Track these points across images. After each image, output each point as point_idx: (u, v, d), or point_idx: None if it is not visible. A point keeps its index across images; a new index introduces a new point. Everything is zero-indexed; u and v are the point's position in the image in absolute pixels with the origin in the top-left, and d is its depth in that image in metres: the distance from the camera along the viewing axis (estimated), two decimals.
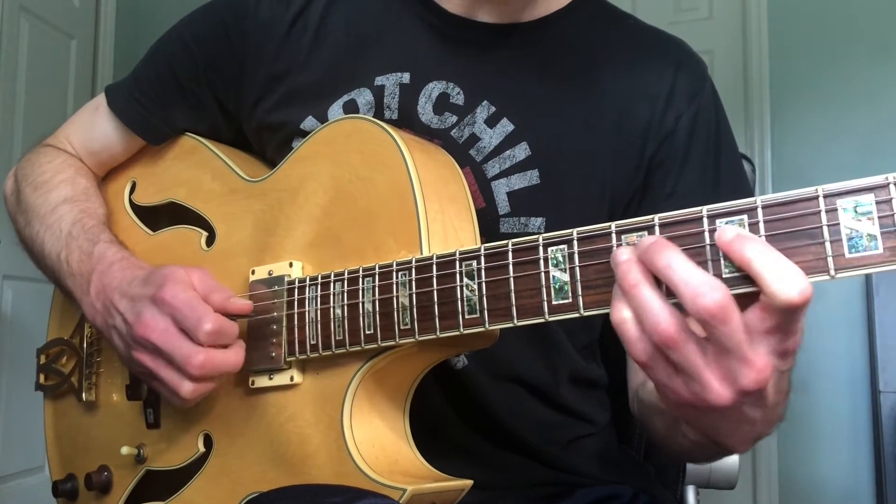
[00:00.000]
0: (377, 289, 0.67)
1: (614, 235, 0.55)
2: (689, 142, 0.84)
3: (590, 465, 0.87)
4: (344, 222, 0.73)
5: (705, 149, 0.86)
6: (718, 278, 0.50)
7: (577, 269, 0.57)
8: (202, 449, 0.80)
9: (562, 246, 0.58)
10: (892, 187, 0.47)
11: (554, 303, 0.57)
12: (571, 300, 0.57)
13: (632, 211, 0.85)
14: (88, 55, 3.32)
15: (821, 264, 0.49)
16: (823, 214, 0.49)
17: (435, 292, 0.64)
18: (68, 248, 0.85)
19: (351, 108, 0.84)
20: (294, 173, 0.79)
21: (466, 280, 0.62)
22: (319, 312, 0.71)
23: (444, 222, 0.69)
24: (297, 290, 0.73)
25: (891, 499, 2.50)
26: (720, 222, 0.51)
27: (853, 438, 2.73)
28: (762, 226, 0.50)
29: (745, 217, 0.51)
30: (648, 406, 0.78)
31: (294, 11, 0.87)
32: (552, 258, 0.58)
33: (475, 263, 0.62)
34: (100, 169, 0.99)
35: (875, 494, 2.68)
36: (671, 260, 0.50)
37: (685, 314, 0.51)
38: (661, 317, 0.50)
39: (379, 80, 0.84)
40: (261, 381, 0.75)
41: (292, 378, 0.73)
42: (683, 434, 0.67)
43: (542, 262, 0.58)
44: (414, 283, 0.65)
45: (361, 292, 0.68)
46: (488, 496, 0.81)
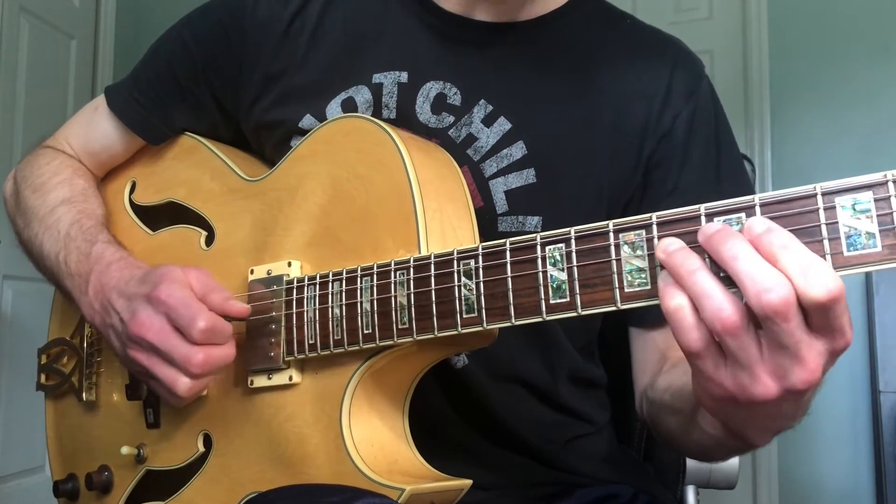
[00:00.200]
0: (375, 288, 0.67)
1: (612, 234, 0.55)
2: (688, 140, 0.84)
3: (589, 465, 0.87)
4: (342, 221, 0.73)
5: (705, 146, 0.86)
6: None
7: (575, 268, 0.56)
8: (202, 449, 0.80)
9: (559, 245, 0.57)
10: (891, 185, 0.47)
11: (552, 302, 0.57)
12: (569, 299, 0.57)
13: (632, 210, 0.85)
14: (88, 55, 3.32)
15: None
16: (822, 212, 0.49)
17: (433, 292, 0.63)
18: (66, 249, 0.85)
19: (349, 106, 0.84)
20: (293, 172, 0.79)
21: (464, 279, 0.62)
22: (318, 312, 0.71)
23: (443, 221, 0.69)
24: (296, 290, 0.73)
25: (891, 499, 2.50)
26: (718, 220, 0.51)
27: (853, 438, 2.73)
28: None
29: (744, 215, 0.51)
30: (661, 405, 0.78)
31: (292, 10, 0.87)
32: (550, 257, 0.58)
33: (473, 262, 0.62)
34: (99, 169, 0.99)
35: (875, 494, 2.68)
36: (739, 251, 0.48)
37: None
38: (725, 304, 0.49)
39: (377, 78, 0.84)
40: (260, 381, 0.75)
41: (291, 378, 0.73)
42: (703, 431, 0.66)
43: (540, 261, 0.58)
44: (412, 283, 0.65)
45: (360, 292, 0.68)
46: (488, 496, 0.81)
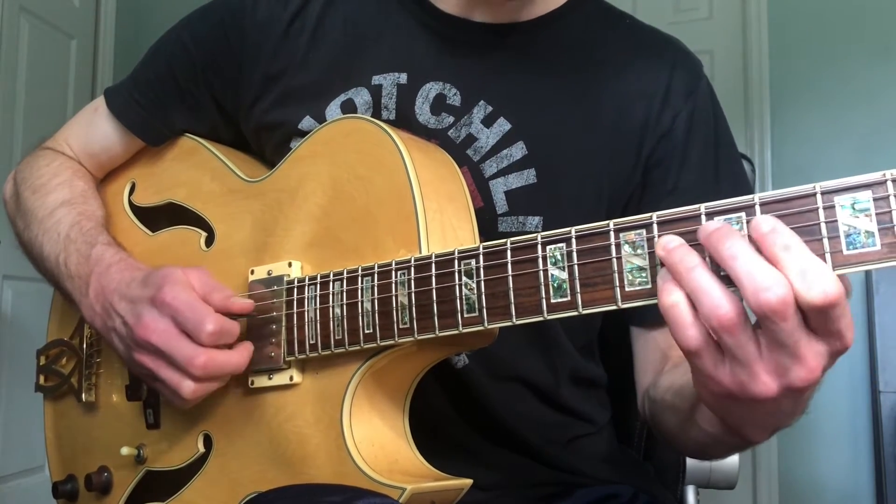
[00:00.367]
0: (376, 288, 0.67)
1: (612, 234, 0.55)
2: (688, 139, 0.85)
3: (590, 465, 0.87)
4: (343, 222, 0.73)
5: (704, 145, 0.86)
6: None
7: (576, 268, 0.57)
8: (202, 449, 0.80)
9: (560, 244, 0.58)
10: (890, 184, 0.47)
11: (553, 301, 0.58)
12: (570, 298, 0.57)
13: (632, 209, 0.85)
14: (88, 55, 3.32)
15: None
16: (821, 211, 0.49)
17: (434, 291, 0.63)
18: (66, 251, 0.85)
19: (349, 108, 0.84)
20: (293, 173, 0.79)
21: (465, 279, 0.62)
22: (319, 312, 0.71)
23: (443, 221, 0.69)
24: (297, 290, 0.73)
25: (891, 499, 2.50)
26: (718, 219, 0.51)
27: (853, 438, 2.73)
28: None
29: (744, 214, 0.51)
30: (662, 404, 0.78)
31: (292, 11, 0.87)
32: (551, 256, 0.58)
33: (474, 262, 0.62)
34: (99, 171, 0.99)
35: (875, 494, 2.68)
36: (737, 250, 0.48)
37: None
38: (722, 300, 0.49)
39: (376, 80, 0.84)
40: (260, 381, 0.75)
41: (292, 378, 0.73)
42: (701, 429, 0.66)
43: (541, 261, 0.58)
44: (413, 283, 0.65)
45: (360, 292, 0.68)
46: (488, 496, 0.81)
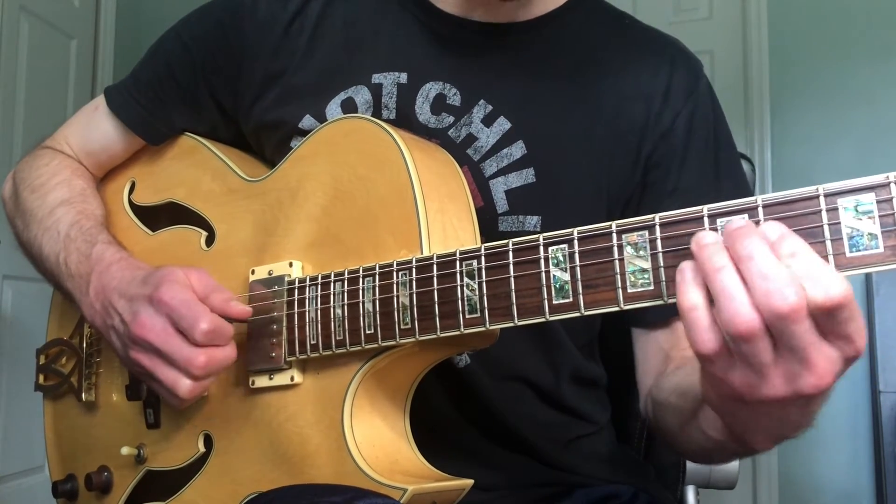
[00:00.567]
0: (377, 288, 0.67)
1: (615, 235, 0.55)
2: (688, 139, 0.85)
3: (590, 465, 0.87)
4: (344, 222, 0.73)
5: (704, 145, 0.86)
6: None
7: (578, 269, 0.57)
8: (202, 449, 0.80)
9: (562, 245, 0.58)
10: (893, 186, 0.47)
11: (554, 302, 0.57)
12: (572, 299, 0.57)
13: (632, 209, 0.85)
14: (88, 55, 3.32)
15: None
16: (824, 213, 0.49)
17: (435, 292, 0.63)
18: (66, 250, 0.85)
19: (349, 106, 0.84)
20: (293, 173, 0.79)
21: (467, 279, 0.62)
22: (320, 312, 0.71)
23: (444, 221, 0.69)
24: (297, 290, 0.73)
25: (891, 499, 2.50)
26: (721, 221, 0.51)
27: (853, 438, 2.73)
28: None
29: (746, 216, 0.51)
30: (665, 406, 0.77)
31: (292, 10, 0.87)
32: (553, 257, 0.58)
33: (476, 263, 0.62)
34: (98, 170, 0.99)
35: (875, 494, 2.68)
36: (754, 250, 0.47)
37: None
38: (744, 307, 0.47)
39: (376, 78, 0.84)
40: (261, 381, 0.75)
41: (292, 378, 0.73)
42: (704, 433, 0.65)
43: (543, 262, 0.58)
44: (414, 283, 0.65)
45: (362, 292, 0.68)
46: (489, 496, 0.81)
